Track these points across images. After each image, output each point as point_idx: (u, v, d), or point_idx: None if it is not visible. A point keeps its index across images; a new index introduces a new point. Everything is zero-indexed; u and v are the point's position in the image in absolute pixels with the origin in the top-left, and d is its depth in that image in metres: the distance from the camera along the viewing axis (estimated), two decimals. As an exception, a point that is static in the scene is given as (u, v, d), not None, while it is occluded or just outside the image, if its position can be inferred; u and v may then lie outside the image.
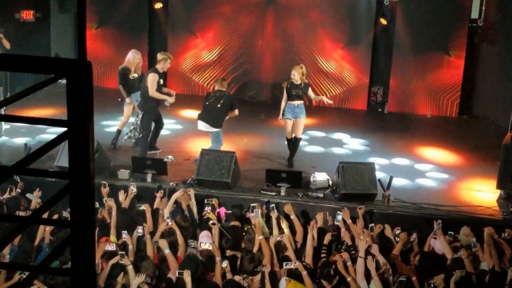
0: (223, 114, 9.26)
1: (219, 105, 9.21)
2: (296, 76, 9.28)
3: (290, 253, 6.81)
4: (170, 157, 8.56)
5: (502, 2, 12.31)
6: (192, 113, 11.59)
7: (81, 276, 1.75)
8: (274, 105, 11.03)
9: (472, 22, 12.57)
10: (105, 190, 7.80)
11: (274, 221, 7.35)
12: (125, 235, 6.90)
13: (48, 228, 7.00)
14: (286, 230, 7.21)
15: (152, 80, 9.23)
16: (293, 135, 9.51)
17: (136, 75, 10.00)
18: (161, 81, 9.44)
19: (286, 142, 9.69)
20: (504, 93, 12.18)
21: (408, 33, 12.83)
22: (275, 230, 7.22)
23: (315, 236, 7.09)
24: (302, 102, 9.41)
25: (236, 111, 9.32)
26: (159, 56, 9.44)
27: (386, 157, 10.31)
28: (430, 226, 7.48)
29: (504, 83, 12.24)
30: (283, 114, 9.39)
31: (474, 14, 12.47)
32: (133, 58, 9.93)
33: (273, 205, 7.71)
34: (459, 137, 11.67)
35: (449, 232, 7.39)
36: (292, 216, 7.55)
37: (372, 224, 7.58)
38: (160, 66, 9.36)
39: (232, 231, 7.31)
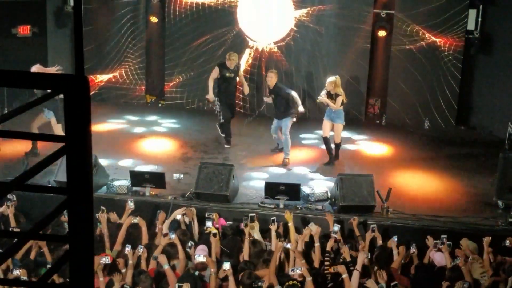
0: None
1: None
2: (328, 86, 10.06)
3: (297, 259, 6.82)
4: (177, 175, 8.61)
5: (498, 13, 12.37)
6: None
7: (79, 291, 1.74)
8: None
9: (469, 34, 12.63)
10: (103, 216, 7.60)
11: (273, 233, 7.37)
12: (128, 249, 6.87)
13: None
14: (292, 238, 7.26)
15: (212, 71, 10.85)
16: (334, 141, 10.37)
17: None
18: (230, 74, 10.72)
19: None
20: (501, 104, 12.21)
21: (404, 44, 12.88)
22: (274, 241, 7.25)
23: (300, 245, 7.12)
24: (339, 108, 10.07)
25: None
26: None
27: (384, 166, 10.32)
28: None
29: (501, 94, 12.27)
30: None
31: (471, 26, 12.53)
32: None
33: (274, 218, 7.71)
34: (456, 148, 11.68)
35: (447, 242, 7.37)
36: (290, 224, 7.54)
37: (374, 226, 7.54)
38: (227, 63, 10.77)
39: (231, 243, 7.30)
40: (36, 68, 9.71)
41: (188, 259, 7.00)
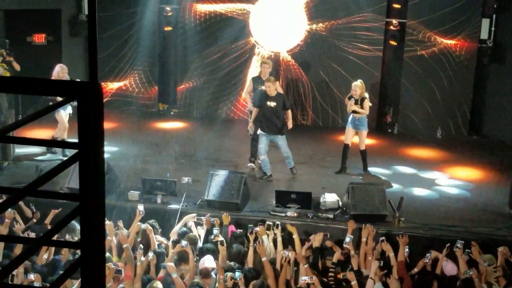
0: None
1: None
2: (358, 91, 9.87)
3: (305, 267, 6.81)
4: (187, 178, 8.61)
5: (511, 22, 12.32)
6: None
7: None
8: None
9: (482, 43, 12.59)
10: (109, 224, 7.49)
11: (279, 238, 7.36)
12: (140, 250, 6.88)
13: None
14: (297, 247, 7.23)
15: (247, 84, 10.12)
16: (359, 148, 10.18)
17: None
18: (262, 87, 9.75)
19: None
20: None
21: (417, 51, 12.85)
22: (280, 247, 7.24)
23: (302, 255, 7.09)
24: (363, 115, 9.93)
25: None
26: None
27: (397, 176, 10.28)
28: (441, 248, 7.40)
29: (514, 103, 12.21)
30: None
31: (484, 35, 12.49)
32: (61, 71, 10.21)
33: (278, 222, 7.70)
34: (469, 157, 11.61)
35: (466, 250, 7.30)
36: (295, 236, 7.51)
37: (383, 238, 7.50)
38: (261, 73, 10.05)
39: (237, 252, 7.28)
40: (59, 67, 10.20)
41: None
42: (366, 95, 10.06)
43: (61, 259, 7.06)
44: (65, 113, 10.31)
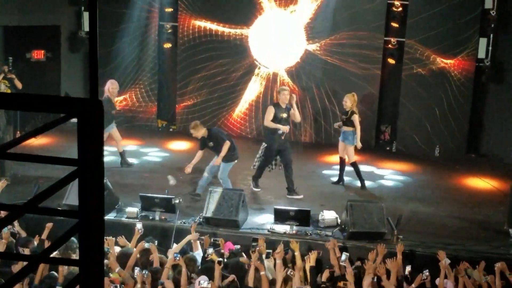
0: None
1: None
2: (348, 103, 10.05)
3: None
4: (178, 199, 8.60)
5: (509, 42, 12.39)
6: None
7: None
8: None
9: (479, 62, 12.63)
10: (110, 239, 7.45)
11: (278, 261, 7.31)
12: (137, 271, 6.84)
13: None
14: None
15: (267, 112, 9.84)
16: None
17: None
18: (283, 115, 9.66)
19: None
20: (512, 131, 12.16)
21: (415, 69, 12.90)
22: (278, 266, 7.20)
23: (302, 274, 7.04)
24: (349, 128, 10.14)
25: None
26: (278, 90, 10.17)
27: (394, 195, 10.27)
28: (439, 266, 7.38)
29: (511, 121, 12.23)
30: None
31: (481, 54, 12.54)
32: (111, 86, 10.57)
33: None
34: (467, 176, 11.61)
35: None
36: (296, 253, 7.46)
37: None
38: (280, 100, 9.79)
39: (236, 268, 7.23)
40: (110, 83, 10.56)
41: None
42: (356, 109, 10.17)
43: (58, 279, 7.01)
44: (111, 129, 10.70)
